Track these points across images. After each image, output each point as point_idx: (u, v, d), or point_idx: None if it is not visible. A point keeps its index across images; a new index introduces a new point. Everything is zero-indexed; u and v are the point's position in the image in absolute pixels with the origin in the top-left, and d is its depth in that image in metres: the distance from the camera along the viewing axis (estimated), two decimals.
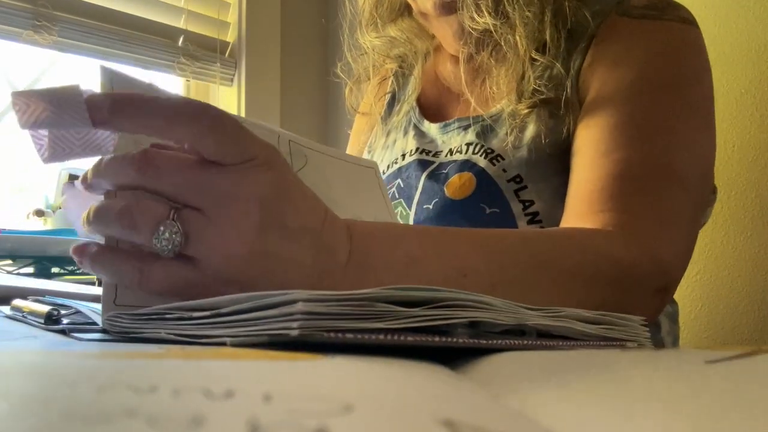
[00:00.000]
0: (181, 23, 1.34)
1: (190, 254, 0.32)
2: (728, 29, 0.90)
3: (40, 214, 0.99)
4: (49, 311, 0.36)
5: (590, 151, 0.55)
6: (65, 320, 0.37)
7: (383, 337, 0.24)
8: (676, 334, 0.70)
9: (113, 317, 0.32)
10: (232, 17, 1.41)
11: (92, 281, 0.84)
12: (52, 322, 0.36)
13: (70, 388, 0.14)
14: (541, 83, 0.60)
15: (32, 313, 0.39)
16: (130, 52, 1.24)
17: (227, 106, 1.41)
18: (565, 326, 0.29)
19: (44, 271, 0.85)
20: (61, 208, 1.01)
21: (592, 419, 0.15)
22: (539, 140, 0.59)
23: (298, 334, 0.23)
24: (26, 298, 0.45)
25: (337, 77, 0.80)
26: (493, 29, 0.61)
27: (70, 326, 0.34)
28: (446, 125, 0.69)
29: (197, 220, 0.31)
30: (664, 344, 0.66)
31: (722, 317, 0.92)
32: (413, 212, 0.64)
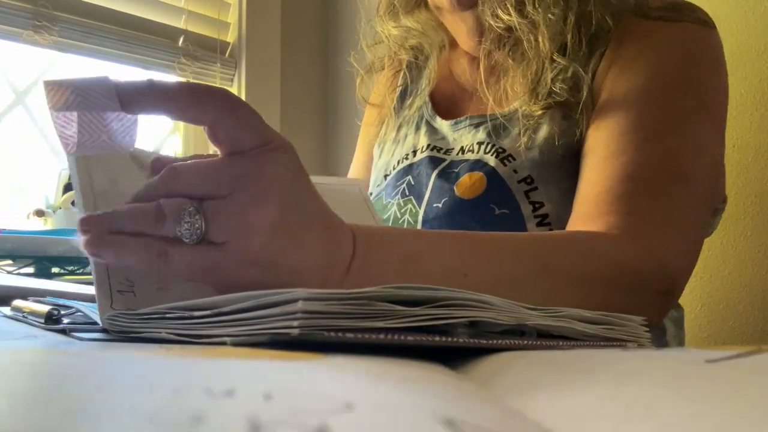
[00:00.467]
0: (181, 23, 1.34)
1: (213, 239, 0.32)
2: (728, 30, 0.90)
3: (40, 214, 0.99)
4: (49, 311, 0.36)
5: (600, 152, 0.55)
6: (65, 320, 0.37)
7: (383, 336, 0.24)
8: (681, 338, 0.69)
9: (113, 317, 0.32)
10: (232, 17, 1.41)
11: (92, 281, 0.83)
12: (52, 321, 0.36)
13: (70, 386, 0.14)
14: (557, 85, 0.59)
15: (32, 313, 0.39)
16: (130, 52, 1.24)
17: None
18: (565, 326, 0.29)
19: (44, 271, 0.84)
20: (61, 208, 1.01)
21: (592, 419, 0.15)
22: (552, 142, 0.59)
23: (298, 333, 0.23)
24: (26, 298, 0.45)
25: (350, 66, 0.80)
26: (517, 27, 0.60)
27: (70, 326, 0.35)
28: (457, 122, 0.68)
29: (217, 204, 0.32)
30: None
31: (722, 317, 0.92)
32: (423, 210, 0.64)
